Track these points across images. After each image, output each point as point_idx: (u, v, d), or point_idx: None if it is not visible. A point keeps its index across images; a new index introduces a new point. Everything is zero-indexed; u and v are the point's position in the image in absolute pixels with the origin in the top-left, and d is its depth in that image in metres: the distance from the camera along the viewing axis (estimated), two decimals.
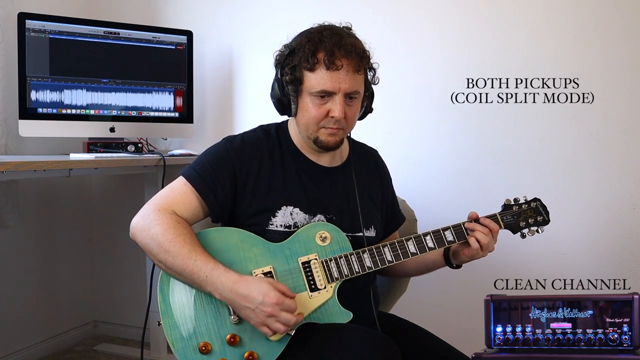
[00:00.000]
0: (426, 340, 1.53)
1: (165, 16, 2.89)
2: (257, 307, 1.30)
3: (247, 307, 1.31)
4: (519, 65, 2.34)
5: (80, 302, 3.02)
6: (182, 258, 1.36)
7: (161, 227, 1.39)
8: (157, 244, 1.38)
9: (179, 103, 2.67)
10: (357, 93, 1.46)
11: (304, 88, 1.44)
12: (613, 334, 1.53)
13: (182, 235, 1.38)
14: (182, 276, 1.38)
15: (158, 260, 1.40)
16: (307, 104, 1.45)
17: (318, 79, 1.42)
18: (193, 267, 1.35)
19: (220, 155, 1.50)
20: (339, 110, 1.42)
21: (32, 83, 2.34)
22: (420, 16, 2.47)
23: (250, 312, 1.32)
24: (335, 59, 1.39)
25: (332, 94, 1.42)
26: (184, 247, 1.36)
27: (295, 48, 1.45)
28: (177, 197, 1.46)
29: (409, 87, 2.47)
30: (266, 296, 1.29)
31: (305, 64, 1.42)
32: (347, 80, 1.41)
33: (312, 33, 1.44)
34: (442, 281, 2.31)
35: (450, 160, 2.44)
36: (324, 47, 1.40)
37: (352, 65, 1.41)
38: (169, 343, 1.38)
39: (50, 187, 2.81)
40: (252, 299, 1.30)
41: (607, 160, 2.26)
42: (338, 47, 1.40)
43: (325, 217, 1.50)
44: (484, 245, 1.47)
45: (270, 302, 1.29)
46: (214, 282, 1.34)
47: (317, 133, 1.48)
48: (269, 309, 1.29)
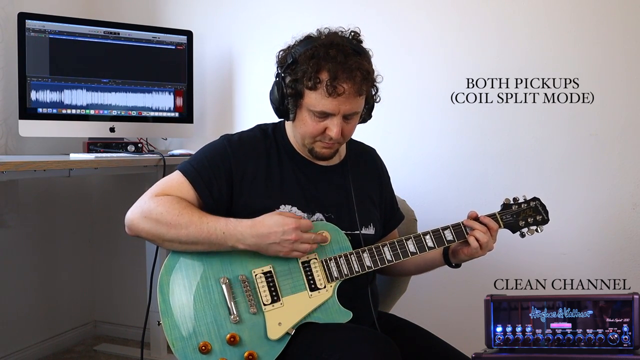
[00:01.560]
0: (426, 340, 1.53)
1: (165, 16, 2.89)
2: (281, 239, 1.36)
3: (273, 243, 1.37)
4: (519, 65, 2.34)
5: (80, 302, 3.02)
6: (194, 226, 1.38)
7: (164, 207, 1.40)
8: (165, 223, 1.38)
9: (179, 103, 2.67)
10: (357, 113, 1.46)
11: (304, 103, 1.44)
12: (613, 334, 1.53)
13: (187, 207, 1.41)
14: (200, 243, 1.39)
15: (169, 238, 1.40)
16: (305, 118, 1.45)
17: (319, 100, 1.40)
18: (208, 229, 1.38)
19: (218, 152, 1.50)
20: (336, 132, 1.43)
21: (32, 83, 2.34)
22: (420, 16, 2.47)
23: (277, 246, 1.37)
24: (337, 84, 1.37)
25: (331, 115, 1.42)
26: (193, 215, 1.39)
27: (299, 59, 1.42)
28: (173, 185, 1.47)
29: (409, 87, 2.47)
30: (285, 225, 1.36)
31: (307, 82, 1.40)
32: (347, 103, 1.41)
33: (318, 48, 1.40)
34: (442, 281, 2.31)
35: (450, 160, 2.44)
36: (327, 69, 1.38)
37: (354, 89, 1.40)
38: (168, 343, 1.38)
39: (50, 187, 2.81)
40: (275, 234, 1.36)
41: (607, 160, 2.26)
42: (342, 69, 1.37)
43: (323, 215, 1.51)
44: (483, 244, 1.47)
45: (290, 228, 1.36)
46: (233, 235, 1.38)
47: (312, 145, 1.49)
48: (293, 235, 1.36)
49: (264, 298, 1.40)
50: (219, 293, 1.40)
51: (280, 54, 1.50)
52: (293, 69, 1.43)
